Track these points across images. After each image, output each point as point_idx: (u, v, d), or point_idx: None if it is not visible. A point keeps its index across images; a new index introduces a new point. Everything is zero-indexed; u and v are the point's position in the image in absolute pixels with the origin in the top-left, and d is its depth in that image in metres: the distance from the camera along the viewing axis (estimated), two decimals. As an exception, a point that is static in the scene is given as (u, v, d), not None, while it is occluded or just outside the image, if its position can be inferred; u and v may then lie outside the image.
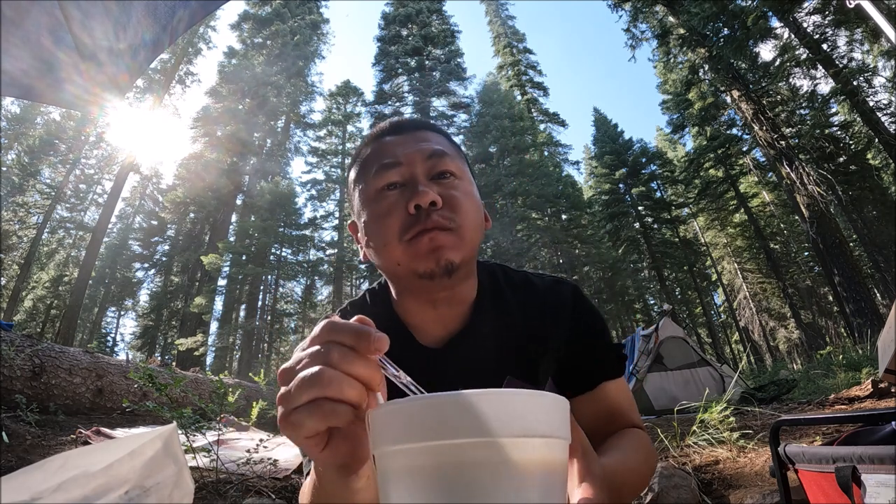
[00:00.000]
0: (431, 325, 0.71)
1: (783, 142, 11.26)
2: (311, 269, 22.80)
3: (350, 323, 0.34)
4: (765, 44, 11.21)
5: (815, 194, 10.14)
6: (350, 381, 0.32)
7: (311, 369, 0.32)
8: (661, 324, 7.17)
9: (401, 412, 0.29)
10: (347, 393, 0.32)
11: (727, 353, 24.79)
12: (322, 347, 0.33)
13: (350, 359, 0.32)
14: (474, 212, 0.66)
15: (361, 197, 0.68)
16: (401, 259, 0.63)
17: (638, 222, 25.20)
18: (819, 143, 11.99)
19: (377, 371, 0.33)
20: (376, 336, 0.33)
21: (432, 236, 0.60)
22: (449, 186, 0.64)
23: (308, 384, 0.32)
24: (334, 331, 0.34)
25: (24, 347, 4.26)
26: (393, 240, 0.62)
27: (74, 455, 0.28)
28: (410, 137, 0.68)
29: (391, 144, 0.68)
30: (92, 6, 1.11)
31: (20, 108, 23.20)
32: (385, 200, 0.64)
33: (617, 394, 0.71)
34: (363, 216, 0.67)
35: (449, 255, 0.61)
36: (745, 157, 19.42)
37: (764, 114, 11.89)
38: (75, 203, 25.18)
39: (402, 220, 0.62)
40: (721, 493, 2.13)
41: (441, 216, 0.61)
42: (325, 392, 0.31)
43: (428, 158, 0.65)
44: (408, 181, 0.64)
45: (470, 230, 0.64)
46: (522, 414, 0.28)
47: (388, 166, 0.65)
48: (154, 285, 26.15)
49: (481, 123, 22.39)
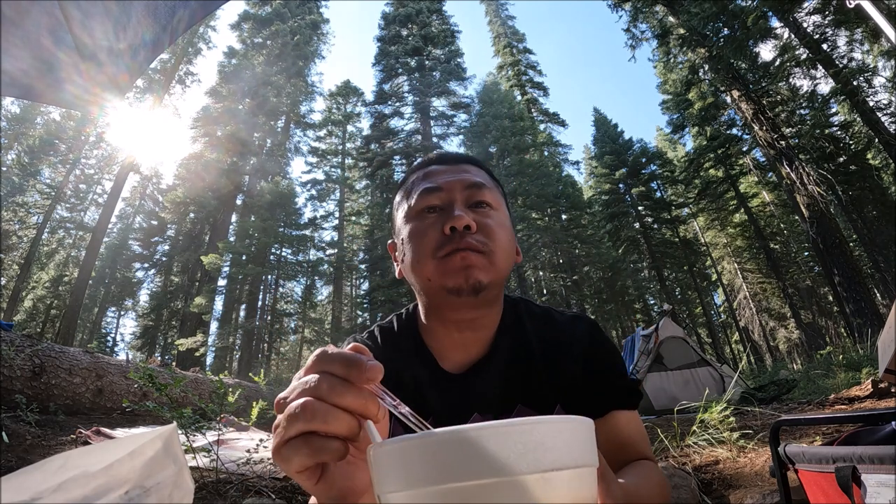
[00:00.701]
0: (455, 350, 0.74)
1: (783, 142, 11.25)
2: (311, 269, 22.80)
3: (342, 351, 0.33)
4: (765, 44, 11.21)
5: (815, 194, 10.13)
6: (338, 413, 0.31)
7: (298, 401, 0.31)
8: (661, 324, 7.18)
9: (408, 451, 0.25)
10: (335, 427, 0.30)
11: (727, 353, 24.79)
12: (312, 378, 0.32)
13: (339, 390, 0.31)
14: (506, 241, 0.69)
15: (402, 218, 0.73)
16: (432, 274, 0.66)
17: (638, 222, 25.20)
18: (819, 143, 11.99)
19: (371, 401, 0.32)
20: (369, 365, 0.32)
21: (464, 255, 0.64)
22: (484, 215, 0.69)
23: (295, 417, 0.31)
24: (324, 360, 0.33)
25: (24, 347, 4.26)
26: (426, 256, 0.66)
27: (74, 455, 0.27)
28: (454, 168, 0.73)
29: (434, 172, 0.73)
30: (92, 6, 1.11)
31: (20, 108, 23.20)
32: (423, 221, 0.69)
33: (628, 424, 0.71)
34: (402, 234, 0.72)
35: (478, 274, 0.64)
36: (745, 157, 19.41)
37: (764, 114, 11.89)
38: (75, 203, 25.19)
39: (438, 239, 0.66)
40: (721, 493, 2.13)
41: (474, 239, 0.65)
42: (311, 426, 0.30)
43: (467, 188, 0.70)
44: (446, 206, 0.69)
45: (501, 256, 0.67)
46: (550, 444, 0.24)
47: (430, 191, 0.70)
48: (154, 285, 26.16)
49: (481, 123, 22.39)
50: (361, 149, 24.91)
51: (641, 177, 25.51)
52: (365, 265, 23.80)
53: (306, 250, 22.99)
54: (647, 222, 25.05)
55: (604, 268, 23.38)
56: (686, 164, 21.20)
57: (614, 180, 25.82)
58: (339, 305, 24.88)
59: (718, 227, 25.03)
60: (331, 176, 25.73)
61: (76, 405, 4.52)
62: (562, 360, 0.73)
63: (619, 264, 23.78)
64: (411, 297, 7.69)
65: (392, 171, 22.89)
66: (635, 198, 25.40)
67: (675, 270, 25.25)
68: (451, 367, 0.73)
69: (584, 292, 23.31)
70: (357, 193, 27.11)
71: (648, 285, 26.52)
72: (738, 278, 24.84)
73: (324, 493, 0.35)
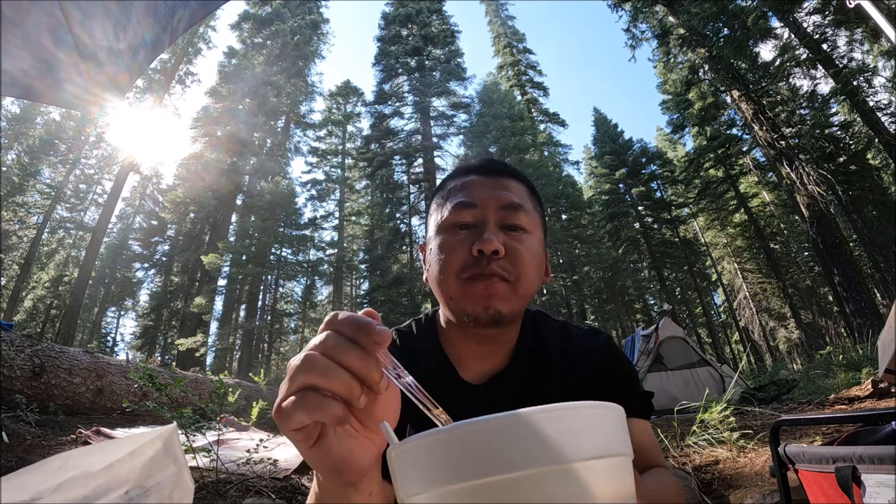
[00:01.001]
0: (474, 361, 0.74)
1: (783, 142, 11.25)
2: (311, 269, 22.80)
3: (352, 314, 0.33)
4: (765, 44, 11.21)
5: (815, 194, 10.13)
6: (339, 370, 0.31)
7: (301, 354, 0.32)
8: (661, 324, 7.18)
9: (436, 445, 0.22)
10: (334, 383, 0.30)
11: (727, 353, 24.79)
12: (319, 336, 0.33)
13: (344, 348, 0.31)
14: (534, 268, 0.68)
15: (435, 226, 0.72)
16: (454, 295, 0.66)
17: (638, 222, 25.20)
18: (819, 143, 11.98)
19: (375, 367, 0.32)
20: (378, 329, 0.32)
21: (488, 284, 0.63)
22: (515, 239, 0.67)
23: (297, 370, 0.31)
24: (334, 321, 0.33)
25: (24, 347, 4.26)
26: (451, 275, 0.66)
27: (74, 455, 0.27)
28: (493, 182, 0.71)
29: (473, 185, 0.71)
30: (92, 6, 1.11)
31: (20, 108, 23.19)
32: (454, 236, 0.68)
33: (640, 433, 0.71)
34: (431, 244, 0.71)
35: (499, 305, 0.63)
36: (745, 157, 19.41)
37: (764, 114, 11.89)
38: (75, 203, 25.19)
39: (464, 259, 0.65)
40: (721, 493, 2.13)
41: (500, 266, 0.64)
42: (310, 378, 0.30)
43: (502, 208, 0.68)
44: (479, 224, 0.67)
45: (525, 285, 0.66)
46: (588, 431, 0.22)
47: (464, 206, 0.68)
48: (154, 285, 26.16)
49: (481, 123, 22.38)
50: (361, 149, 24.91)
51: (641, 177, 25.51)
52: (365, 265, 23.80)
53: (306, 250, 22.99)
54: (647, 222, 25.06)
55: (604, 268, 23.38)
56: (686, 164, 21.20)
57: (614, 180, 25.82)
58: (339, 305, 24.87)
59: (718, 227, 25.03)
60: (331, 176, 25.73)
61: (76, 405, 4.52)
62: (578, 373, 0.74)
63: (619, 264, 23.78)
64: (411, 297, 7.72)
65: (392, 171, 22.89)
66: (635, 198, 25.40)
67: (675, 270, 25.25)
68: (471, 376, 0.73)
69: (584, 292, 23.31)
70: (357, 193, 27.11)
71: (648, 285, 26.52)
72: (738, 278, 24.84)
73: (319, 459, 0.35)
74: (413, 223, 22.30)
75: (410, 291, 18.21)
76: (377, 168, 22.31)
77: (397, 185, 22.80)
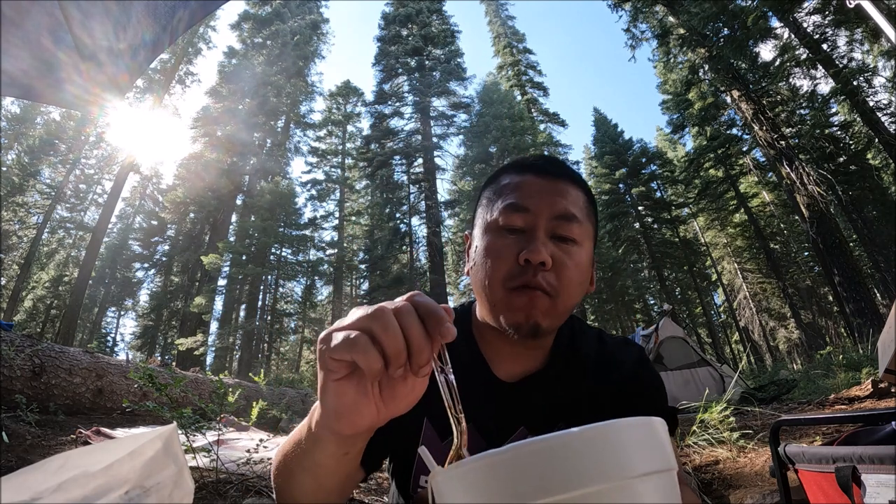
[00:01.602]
0: (508, 360, 0.73)
1: (783, 142, 11.25)
2: (311, 269, 22.80)
3: (432, 301, 0.35)
4: (765, 44, 11.21)
5: (815, 194, 10.13)
6: (398, 332, 0.32)
7: (374, 307, 0.34)
8: (661, 324, 7.18)
9: (494, 468, 0.21)
10: (390, 340, 0.32)
11: (727, 353, 24.79)
12: (396, 301, 0.35)
13: (412, 320, 0.33)
14: (578, 282, 0.66)
15: (482, 223, 0.69)
16: (497, 302, 0.65)
17: (638, 222, 25.20)
18: (819, 143, 11.98)
19: (428, 350, 0.33)
20: (448, 325, 0.33)
21: (532, 296, 0.62)
22: (565, 251, 0.65)
23: (365, 315, 0.33)
24: (416, 297, 0.35)
25: (24, 347, 4.26)
26: (496, 282, 0.64)
27: (74, 455, 0.27)
28: (550, 186, 0.68)
29: (528, 186, 0.68)
30: (92, 6, 1.11)
31: (20, 108, 23.19)
32: (502, 240, 0.65)
33: None
34: (477, 241, 0.69)
35: (539, 318, 0.63)
36: (745, 157, 19.41)
37: (764, 114, 11.89)
38: (75, 203, 25.19)
39: (511, 267, 0.63)
40: (721, 493, 2.13)
41: (545, 279, 0.62)
42: (373, 325, 0.32)
43: (556, 218, 0.65)
44: (529, 230, 0.65)
45: (567, 300, 0.65)
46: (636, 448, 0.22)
47: (516, 208, 0.66)
48: (154, 285, 26.17)
49: (481, 123, 22.38)
50: (361, 149, 24.91)
51: (641, 177, 25.51)
52: (365, 265, 23.80)
53: (306, 250, 23.00)
54: (647, 222, 25.06)
55: (604, 268, 23.38)
56: (686, 164, 21.21)
57: (614, 180, 25.82)
58: (339, 305, 24.87)
59: (718, 227, 25.04)
60: (331, 176, 25.74)
61: (76, 405, 4.52)
62: (612, 381, 0.73)
63: (619, 264, 23.78)
64: (411, 297, 7.73)
65: (392, 171, 22.89)
66: (635, 198, 25.40)
67: (675, 270, 25.25)
68: (504, 375, 0.72)
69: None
70: (357, 193, 27.11)
71: (648, 285, 26.53)
72: (738, 278, 24.84)
73: (332, 395, 0.37)
74: (413, 223, 22.32)
75: (409, 291, 18.18)
76: (377, 168, 22.31)
77: (397, 185, 22.80)
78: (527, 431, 0.69)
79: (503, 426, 0.69)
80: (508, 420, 0.69)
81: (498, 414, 0.69)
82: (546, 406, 0.70)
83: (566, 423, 0.69)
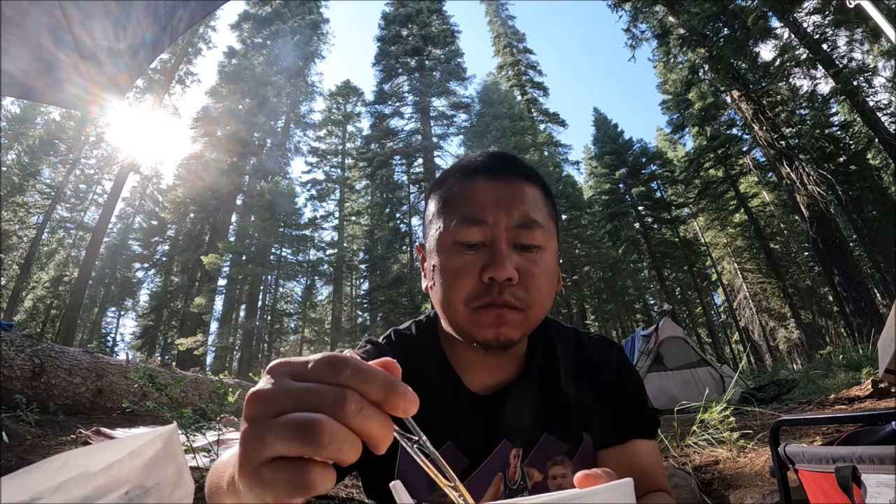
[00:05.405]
0: (480, 371, 0.69)
1: (783, 142, 11.25)
2: (311, 269, 22.81)
3: (380, 371, 0.27)
4: (765, 44, 11.21)
5: (815, 194, 10.13)
6: (356, 441, 0.25)
7: (308, 416, 0.24)
8: (661, 324, 7.17)
9: None
10: (347, 455, 0.24)
11: (727, 353, 24.79)
12: (334, 391, 0.25)
13: (368, 414, 0.25)
14: (547, 289, 0.63)
15: (436, 238, 0.63)
16: (462, 322, 0.61)
17: (638, 222, 25.19)
18: (819, 143, 11.97)
19: (390, 432, 0.26)
20: (410, 396, 0.27)
21: (499, 313, 0.58)
22: (530, 260, 0.61)
23: (301, 433, 0.24)
24: (360, 375, 0.26)
25: (24, 347, 4.26)
26: (459, 303, 0.60)
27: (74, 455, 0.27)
28: (505, 191, 0.62)
29: (481, 192, 0.62)
30: (92, 6, 1.11)
31: (20, 108, 23.19)
32: (460, 257, 0.60)
33: (647, 454, 0.70)
34: (434, 259, 0.63)
35: (510, 333, 0.59)
36: (745, 157, 19.41)
37: (764, 114, 11.88)
38: (75, 203, 25.18)
39: (474, 286, 0.59)
40: (721, 493, 2.13)
41: (513, 295, 0.58)
42: (322, 452, 0.24)
43: (516, 226, 0.60)
44: (489, 244, 0.60)
45: (538, 309, 0.62)
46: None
47: (472, 222, 0.60)
48: (154, 285, 26.16)
49: (481, 123, 22.38)
50: (361, 149, 24.92)
51: (641, 177, 25.51)
52: (365, 265, 23.80)
53: (306, 250, 23.01)
54: (647, 222, 25.05)
55: (604, 268, 23.38)
56: (686, 164, 21.20)
57: (614, 180, 25.82)
58: (339, 305, 24.88)
59: (718, 227, 25.03)
60: (331, 176, 25.74)
61: (76, 405, 4.52)
62: (590, 385, 0.71)
63: (619, 264, 23.79)
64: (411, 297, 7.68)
65: (392, 171, 22.90)
66: (635, 198, 25.40)
67: (675, 270, 25.24)
68: (477, 387, 0.68)
69: (584, 292, 23.31)
70: (357, 193, 27.12)
71: (648, 285, 26.53)
72: (738, 278, 24.84)
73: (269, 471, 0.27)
74: (413, 223, 22.32)
75: (410, 291, 18.21)
76: (377, 168, 22.31)
77: (397, 185, 22.80)
78: (509, 445, 0.67)
79: (484, 442, 0.66)
80: (489, 435, 0.66)
81: (477, 430, 0.66)
82: (526, 417, 0.67)
83: (550, 433, 0.68)
